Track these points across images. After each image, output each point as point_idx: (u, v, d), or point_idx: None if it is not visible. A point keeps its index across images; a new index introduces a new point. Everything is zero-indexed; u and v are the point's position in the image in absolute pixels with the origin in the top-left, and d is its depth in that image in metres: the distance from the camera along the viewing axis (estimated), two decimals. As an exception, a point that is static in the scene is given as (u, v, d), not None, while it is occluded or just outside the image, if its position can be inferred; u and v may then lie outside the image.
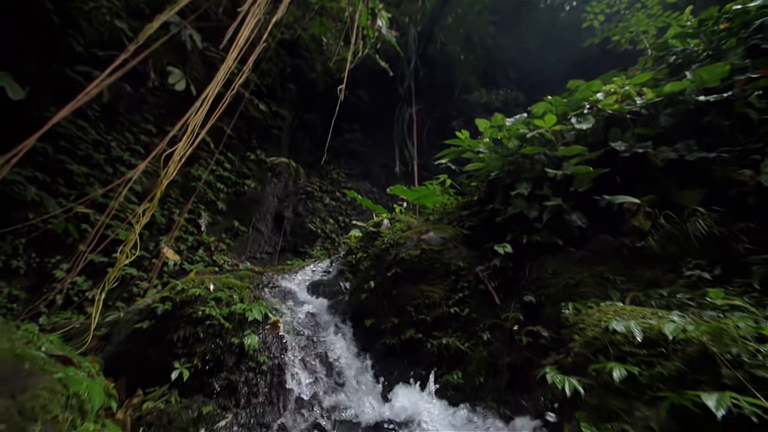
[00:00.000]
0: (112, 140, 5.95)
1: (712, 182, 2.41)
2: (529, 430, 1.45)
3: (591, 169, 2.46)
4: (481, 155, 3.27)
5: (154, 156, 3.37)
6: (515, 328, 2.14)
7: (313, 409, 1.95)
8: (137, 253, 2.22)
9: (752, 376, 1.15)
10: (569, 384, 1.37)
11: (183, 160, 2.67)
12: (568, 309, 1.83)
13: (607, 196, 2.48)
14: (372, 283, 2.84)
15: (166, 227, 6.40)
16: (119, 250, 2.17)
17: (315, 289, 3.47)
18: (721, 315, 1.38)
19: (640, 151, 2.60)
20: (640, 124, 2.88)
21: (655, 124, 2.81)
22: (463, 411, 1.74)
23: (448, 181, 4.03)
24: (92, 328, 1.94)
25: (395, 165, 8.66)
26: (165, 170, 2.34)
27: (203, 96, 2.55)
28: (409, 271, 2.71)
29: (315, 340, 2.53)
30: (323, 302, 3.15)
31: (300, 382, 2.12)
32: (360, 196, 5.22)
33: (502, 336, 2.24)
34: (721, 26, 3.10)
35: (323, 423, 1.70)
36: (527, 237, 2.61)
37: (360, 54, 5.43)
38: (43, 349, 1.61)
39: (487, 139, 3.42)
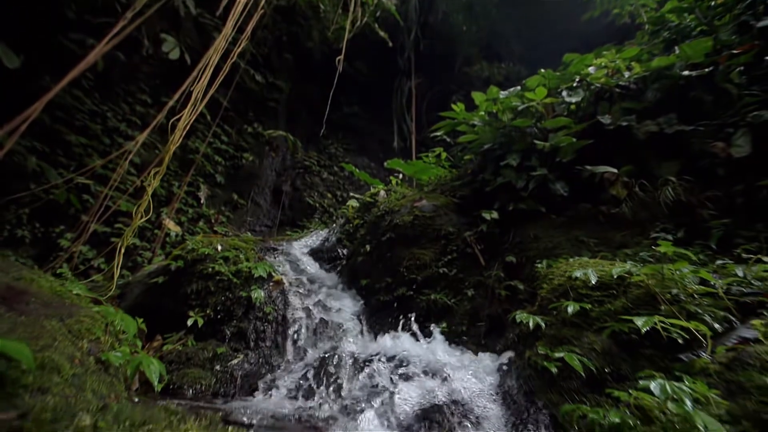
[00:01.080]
0: (108, 110, 5.99)
1: (689, 154, 2.60)
2: (499, 359, 1.72)
3: (574, 140, 2.64)
4: (475, 128, 3.42)
5: (153, 127, 3.50)
6: (496, 284, 2.40)
7: (314, 350, 2.24)
8: (151, 213, 2.42)
9: (687, 311, 1.40)
10: (533, 320, 1.63)
11: (187, 128, 2.81)
12: (542, 264, 2.07)
13: (589, 167, 2.67)
14: (368, 247, 3.08)
15: (166, 199, 6.58)
16: (134, 210, 2.37)
17: (314, 254, 3.72)
18: (670, 264, 1.62)
19: (624, 124, 2.76)
20: (629, 98, 3.02)
21: (643, 99, 2.95)
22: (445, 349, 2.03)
23: (444, 155, 4.19)
24: (116, 276, 2.18)
25: (393, 140, 8.73)
26: (172, 137, 2.49)
27: (204, 63, 2.64)
28: (402, 236, 2.94)
29: (314, 296, 2.80)
30: (322, 266, 3.41)
31: (302, 329, 2.40)
32: (357, 170, 5.38)
33: (484, 292, 2.50)
34: (717, 1, 3.16)
35: (324, 359, 1.98)
36: (513, 205, 2.82)
37: (359, 23, 5.38)
38: (74, 291, 1.85)
39: (483, 113, 3.54)
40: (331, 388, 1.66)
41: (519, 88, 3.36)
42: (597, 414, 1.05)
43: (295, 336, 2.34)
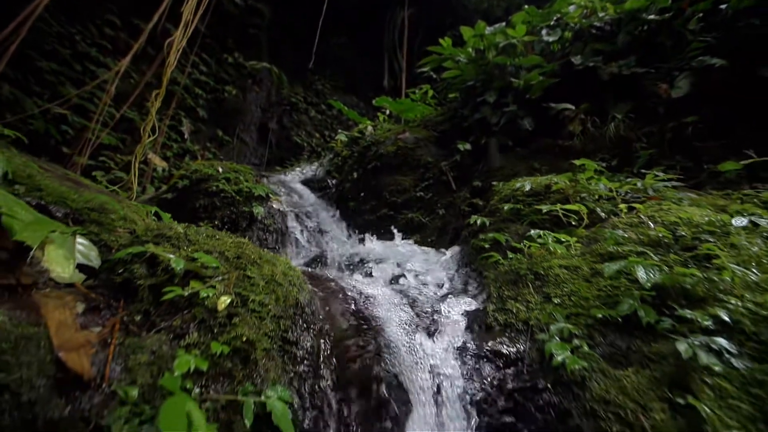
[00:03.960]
0: (76, 33, 5.82)
1: (641, 95, 3.06)
2: (453, 250, 2.36)
3: (542, 78, 3.04)
4: (459, 64, 3.72)
5: (135, 53, 3.64)
6: (462, 203, 2.99)
7: (310, 251, 2.85)
8: (156, 136, 2.79)
9: (588, 207, 2.00)
10: (481, 220, 2.23)
11: (180, 51, 3.03)
12: (498, 184, 2.64)
13: (553, 104, 3.12)
14: (355, 174, 3.58)
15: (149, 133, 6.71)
16: (141, 129, 2.73)
17: (306, 184, 4.21)
18: (582, 174, 2.18)
19: (591, 64, 3.15)
20: (602, 39, 3.35)
21: (614, 41, 3.30)
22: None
23: (430, 92, 4.50)
24: (134, 186, 2.63)
25: (384, 78, 8.73)
26: (167, 59, 2.75)
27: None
28: (386, 165, 3.44)
29: (308, 214, 3.36)
30: (314, 193, 3.92)
31: (298, 237, 2.99)
32: (346, 108, 5.63)
33: (453, 212, 3.10)
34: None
35: (319, 254, 2.59)
36: (486, 138, 3.30)
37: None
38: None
39: (470, 49, 3.81)
40: (328, 264, 2.28)
41: (504, 24, 3.60)
42: (500, 258, 1.68)
43: (294, 242, 2.93)
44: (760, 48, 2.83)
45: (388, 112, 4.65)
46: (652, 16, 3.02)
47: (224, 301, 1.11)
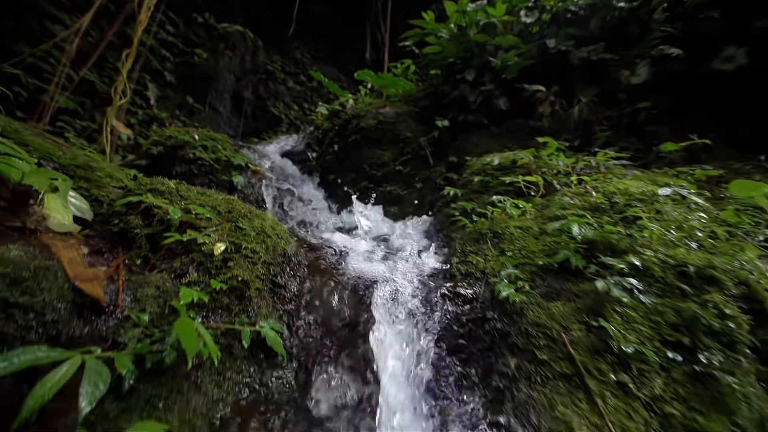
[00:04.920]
0: (26, -20, 5.32)
1: (606, 80, 3.34)
2: (427, 219, 2.59)
3: (517, 59, 3.23)
4: (441, 40, 3.82)
5: (98, 8, 3.47)
6: (438, 177, 3.20)
7: (287, 222, 2.99)
8: (128, 97, 2.76)
9: (546, 180, 2.26)
10: (453, 191, 2.46)
11: (150, 10, 2.94)
12: (472, 159, 2.86)
13: (527, 85, 3.34)
14: (336, 147, 3.69)
15: (109, 96, 6.37)
16: (112, 91, 2.69)
17: (286, 156, 4.26)
18: (543, 150, 2.44)
19: (564, 48, 3.37)
20: (576, 24, 3.57)
21: (587, 26, 3.52)
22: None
23: (412, 67, 4.59)
24: (108, 148, 2.62)
25: (366, 50, 8.61)
26: (138, 17, 2.68)
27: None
28: (366, 138, 3.57)
29: (289, 185, 3.46)
30: (294, 165, 4.00)
31: (279, 206, 3.11)
32: (327, 80, 5.60)
33: (430, 186, 3.32)
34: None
35: (294, 227, 2.74)
36: (463, 116, 3.50)
37: None
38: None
39: (452, 25, 3.90)
40: (308, 228, 2.45)
41: (486, 1, 3.72)
42: (467, 222, 1.92)
43: (275, 211, 3.05)
44: (714, 40, 3.14)
45: (369, 86, 4.71)
46: (622, 4, 3.25)
47: (219, 247, 1.27)
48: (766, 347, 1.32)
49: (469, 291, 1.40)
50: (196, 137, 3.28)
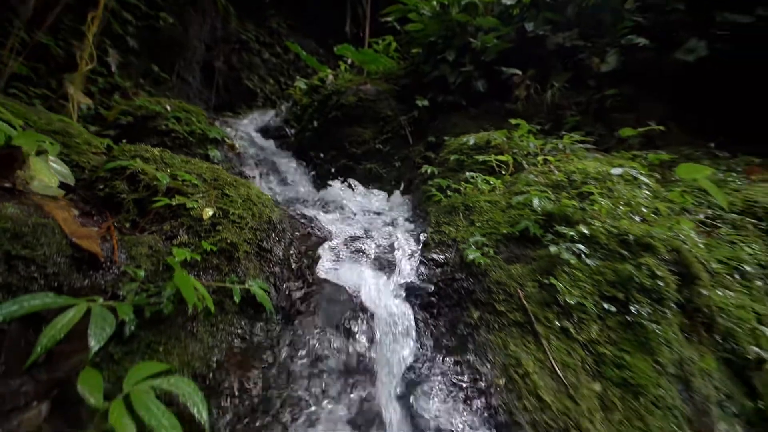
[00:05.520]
0: None
1: (578, 66, 3.56)
2: (405, 196, 2.76)
3: (497, 41, 3.37)
4: (423, 17, 3.88)
5: None
6: (417, 156, 3.35)
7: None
8: (95, 63, 2.67)
9: (516, 159, 2.47)
10: (431, 169, 2.62)
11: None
12: (449, 139, 3.02)
13: (505, 68, 3.50)
14: (315, 124, 3.74)
15: (65, 62, 5.97)
16: (78, 56, 2.60)
17: (263, 132, 4.25)
18: (515, 132, 2.63)
19: (541, 33, 3.54)
20: (555, 9, 3.73)
21: (565, 12, 3.70)
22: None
23: (394, 44, 4.63)
24: (74, 115, 2.56)
25: (346, 23, 8.44)
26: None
27: None
28: (347, 115, 3.63)
29: (267, 161, 3.49)
30: (272, 141, 4.01)
31: (257, 182, 3.16)
32: (305, 53, 5.51)
33: (409, 164, 3.47)
34: None
35: (275, 202, 2.82)
36: (443, 96, 3.63)
37: None
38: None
39: (434, 2, 3.96)
40: (289, 203, 2.55)
41: (468, -20, 3.79)
42: (442, 197, 2.10)
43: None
44: (679, 32, 3.41)
45: (350, 61, 4.71)
46: (595, -8, 3.43)
47: (208, 212, 1.36)
48: (690, 303, 1.61)
49: (441, 256, 1.58)
50: (168, 108, 3.23)
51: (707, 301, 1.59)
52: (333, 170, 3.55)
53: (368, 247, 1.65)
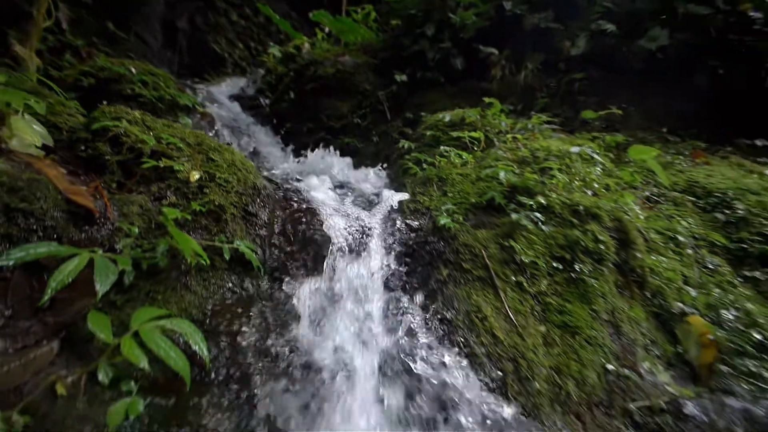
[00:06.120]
0: None
1: (551, 49, 3.77)
2: (383, 171, 2.91)
3: (475, 18, 3.50)
4: (403, -12, 3.90)
5: None
6: (394, 132, 3.48)
7: (246, 166, 3.10)
8: (53, 19, 2.53)
9: (487, 137, 2.67)
10: (408, 144, 2.77)
11: None
12: (426, 115, 3.17)
13: (482, 47, 3.65)
14: (291, 95, 3.74)
15: (10, 17, 5.43)
16: (34, 11, 2.45)
17: (236, 100, 4.18)
18: (495, 117, 2.83)
19: (519, 12, 3.69)
20: (532, -12, 3.87)
21: (541, -8, 3.85)
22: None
23: (373, 14, 4.61)
24: (34, 76, 2.44)
25: (322, -13, 8.13)
26: None
27: None
28: (324, 87, 3.67)
29: (242, 131, 3.49)
30: (245, 111, 3.97)
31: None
32: (278, 17, 5.34)
33: (386, 139, 3.59)
34: None
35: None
36: (421, 72, 3.74)
37: None
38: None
39: (415, -28, 3.97)
40: (268, 174, 2.63)
41: (450, -48, 3.83)
42: (418, 170, 2.28)
43: (228, 156, 3.12)
44: (645, 19, 3.68)
45: (327, 30, 4.65)
46: (571, -26, 3.60)
47: (195, 175, 1.45)
48: (626, 264, 1.91)
49: (416, 222, 1.77)
50: (134, 71, 3.12)
51: (641, 263, 1.90)
52: (311, 143, 3.61)
53: (348, 215, 1.81)
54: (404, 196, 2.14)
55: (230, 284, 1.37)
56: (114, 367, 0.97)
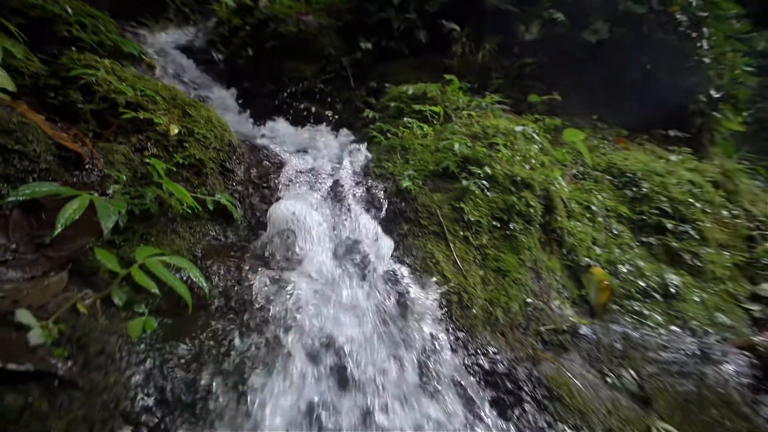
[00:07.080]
0: None
1: (508, 32, 4.14)
2: (349, 137, 3.12)
3: (440, -8, 3.72)
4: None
5: None
6: (358, 100, 3.67)
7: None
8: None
9: (446, 111, 2.99)
10: (372, 114, 3.00)
11: None
12: (390, 86, 3.40)
13: (446, 22, 3.90)
14: (250, 51, 3.71)
15: None
16: None
17: (184, 52, 4.00)
18: (454, 93, 3.15)
19: (481, -9, 3.98)
20: (496, -33, 4.16)
21: (503, -27, 4.16)
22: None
23: (337, -27, 4.57)
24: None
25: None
26: None
27: None
28: (286, 47, 3.69)
29: (193, 86, 3.43)
30: (197, 65, 3.85)
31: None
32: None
33: (350, 107, 3.77)
34: None
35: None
36: (386, 42, 3.91)
37: None
38: None
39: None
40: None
41: None
42: (383, 139, 2.55)
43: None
44: (590, 12, 4.16)
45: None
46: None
47: (174, 128, 1.58)
48: (549, 226, 2.40)
49: (381, 185, 2.06)
50: (69, 10, 2.89)
51: (561, 225, 2.41)
52: (272, 106, 3.66)
53: (320, 176, 2.04)
54: (369, 159, 2.40)
55: (213, 232, 1.56)
56: (125, 293, 1.16)
